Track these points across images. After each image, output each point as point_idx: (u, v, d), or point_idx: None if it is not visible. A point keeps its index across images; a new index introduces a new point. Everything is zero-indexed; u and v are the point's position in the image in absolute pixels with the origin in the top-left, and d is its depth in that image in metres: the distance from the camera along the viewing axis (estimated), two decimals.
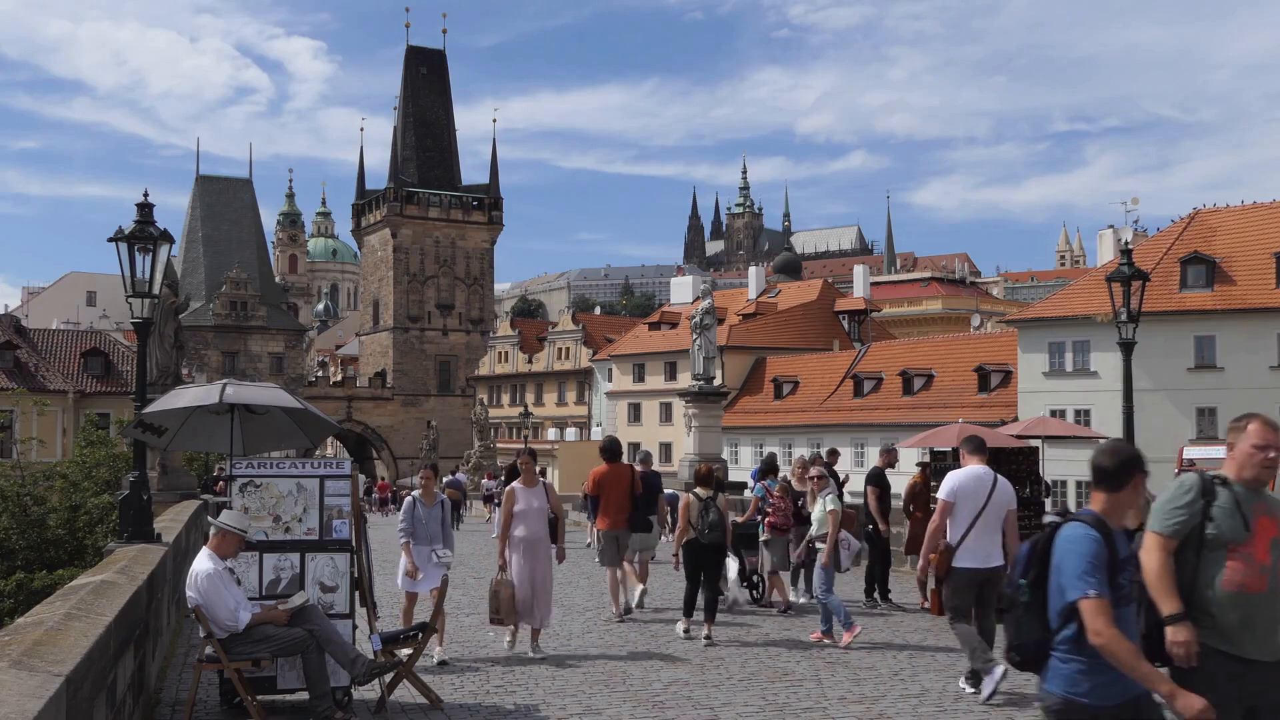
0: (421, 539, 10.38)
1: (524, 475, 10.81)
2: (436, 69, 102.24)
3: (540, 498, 10.69)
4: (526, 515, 10.53)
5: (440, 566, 10.21)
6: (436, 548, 10.36)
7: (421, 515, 10.48)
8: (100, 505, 22.79)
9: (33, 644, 4.65)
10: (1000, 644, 6.12)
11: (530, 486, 10.72)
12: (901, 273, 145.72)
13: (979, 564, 8.63)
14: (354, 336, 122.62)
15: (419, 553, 10.34)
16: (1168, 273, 43.10)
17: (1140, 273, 14.84)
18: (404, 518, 10.54)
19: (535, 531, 10.53)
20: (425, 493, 10.67)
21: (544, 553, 10.54)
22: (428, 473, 10.94)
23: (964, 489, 8.71)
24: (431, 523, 10.48)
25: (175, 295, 19.58)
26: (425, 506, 10.53)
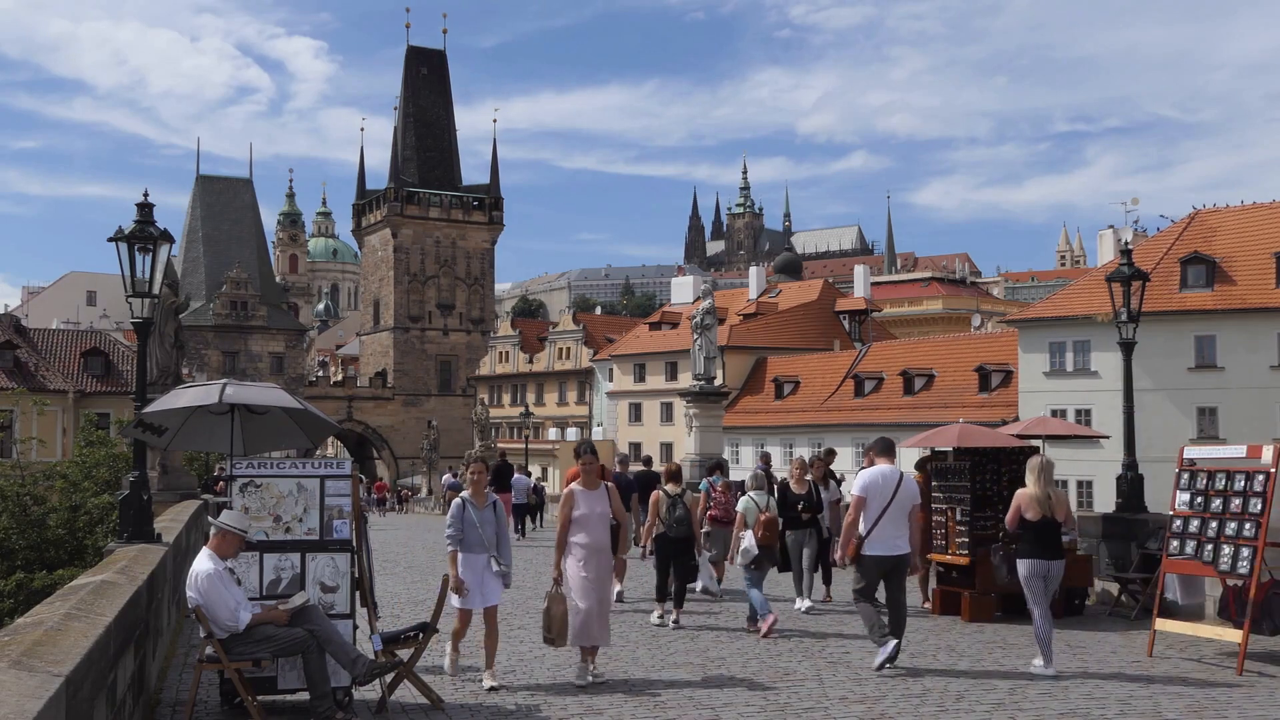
0: (474, 546, 9.05)
1: (584, 476, 9.54)
2: (437, 69, 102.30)
3: (603, 502, 9.47)
4: (587, 522, 9.31)
5: (498, 578, 9.09)
6: (493, 555, 9.06)
7: (474, 519, 9.11)
8: (100, 505, 22.80)
9: (32, 644, 4.64)
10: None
11: (591, 489, 9.47)
12: (902, 273, 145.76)
13: (886, 551, 9.78)
14: (354, 336, 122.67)
15: (472, 563, 9.04)
16: (1168, 273, 43.11)
17: (1140, 273, 14.82)
18: (452, 522, 9.11)
19: (597, 540, 9.33)
20: (476, 492, 9.34)
21: (606, 564, 9.44)
22: (478, 467, 9.57)
23: (873, 486, 9.77)
24: (486, 527, 9.10)
25: (175, 295, 19.57)
26: (477, 508, 9.17)
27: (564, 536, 9.36)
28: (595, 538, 9.33)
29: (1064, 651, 10.65)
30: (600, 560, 9.35)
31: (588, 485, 9.49)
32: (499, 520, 9.21)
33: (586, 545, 9.28)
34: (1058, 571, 9.77)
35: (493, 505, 9.24)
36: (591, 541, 9.30)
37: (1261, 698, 8.66)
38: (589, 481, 9.51)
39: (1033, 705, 8.38)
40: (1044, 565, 9.63)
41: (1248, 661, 9.65)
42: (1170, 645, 10.75)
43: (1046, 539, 9.68)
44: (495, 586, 9.08)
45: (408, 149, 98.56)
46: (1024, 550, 9.73)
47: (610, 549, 9.52)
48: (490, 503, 9.26)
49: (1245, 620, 9.58)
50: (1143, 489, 14.50)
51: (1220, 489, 10.18)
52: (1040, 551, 9.65)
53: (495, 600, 9.06)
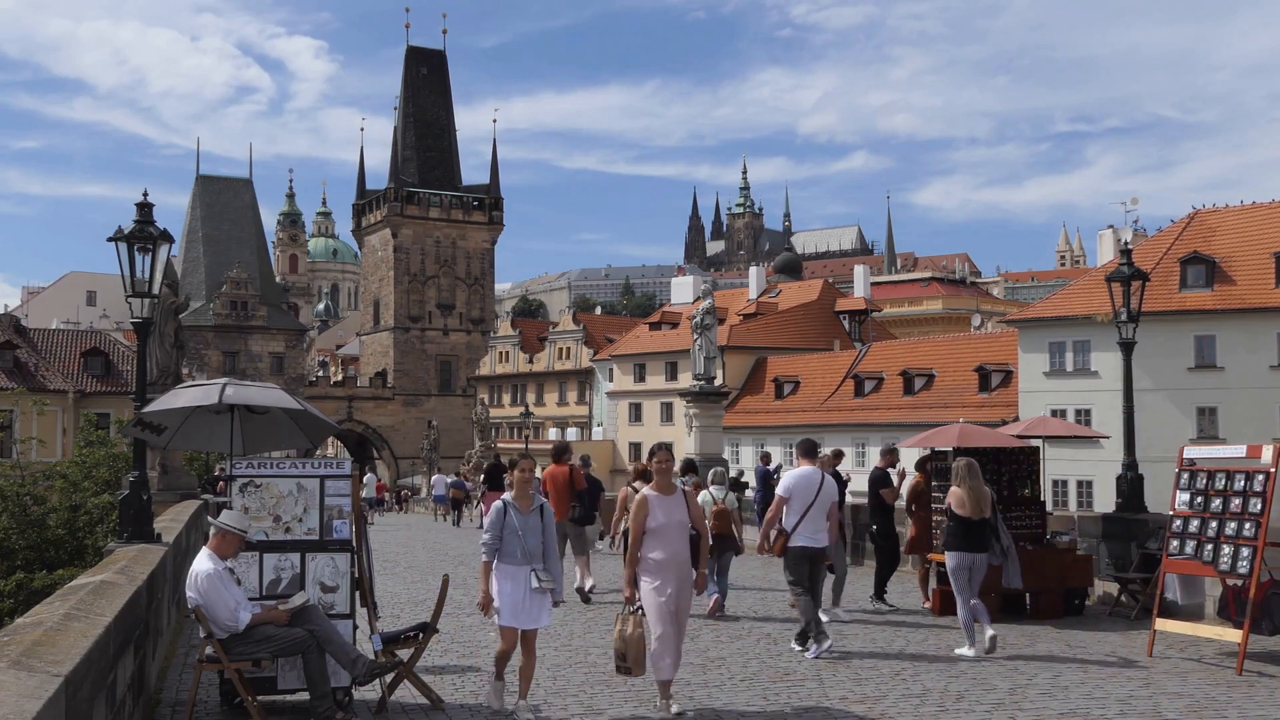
0: (515, 557, 7.83)
1: (658, 479, 8.38)
2: (437, 69, 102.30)
3: (680, 509, 8.23)
4: (665, 532, 8.10)
5: (542, 594, 7.85)
6: (536, 568, 7.83)
7: (515, 525, 7.87)
8: (100, 505, 22.80)
9: (32, 644, 4.64)
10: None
11: (667, 494, 8.27)
12: (902, 273, 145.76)
13: (809, 544, 10.48)
14: (354, 336, 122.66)
15: (513, 575, 7.81)
16: (1168, 273, 43.11)
17: (1140, 273, 14.82)
18: (490, 529, 7.94)
19: (676, 553, 8.10)
20: (520, 494, 8.03)
21: (686, 581, 8.19)
22: (527, 464, 8.25)
23: (797, 486, 10.59)
24: (529, 536, 7.87)
25: (175, 295, 19.58)
26: (520, 513, 7.92)
27: (637, 550, 8.16)
28: (673, 551, 8.10)
29: (1064, 651, 10.66)
30: (679, 577, 8.12)
31: (663, 490, 8.29)
32: (546, 528, 8.00)
33: (663, 561, 8.06)
34: (982, 564, 10.73)
35: (539, 510, 8.01)
36: (669, 556, 8.07)
37: (1261, 698, 8.66)
38: (664, 485, 8.32)
39: (1033, 705, 8.38)
40: (970, 558, 10.60)
41: (1247, 661, 9.65)
42: (1170, 645, 10.75)
43: (975, 534, 10.65)
44: (540, 605, 7.84)
45: (408, 149, 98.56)
46: (953, 544, 10.68)
47: (691, 563, 8.26)
48: (536, 507, 8.01)
49: (1245, 620, 9.58)
50: (1143, 489, 14.50)
51: (1220, 489, 10.19)
52: (968, 545, 10.63)
53: (543, 621, 7.88)
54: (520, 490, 8.05)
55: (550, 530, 8.05)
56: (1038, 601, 12.88)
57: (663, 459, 8.39)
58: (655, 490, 8.31)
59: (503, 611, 7.79)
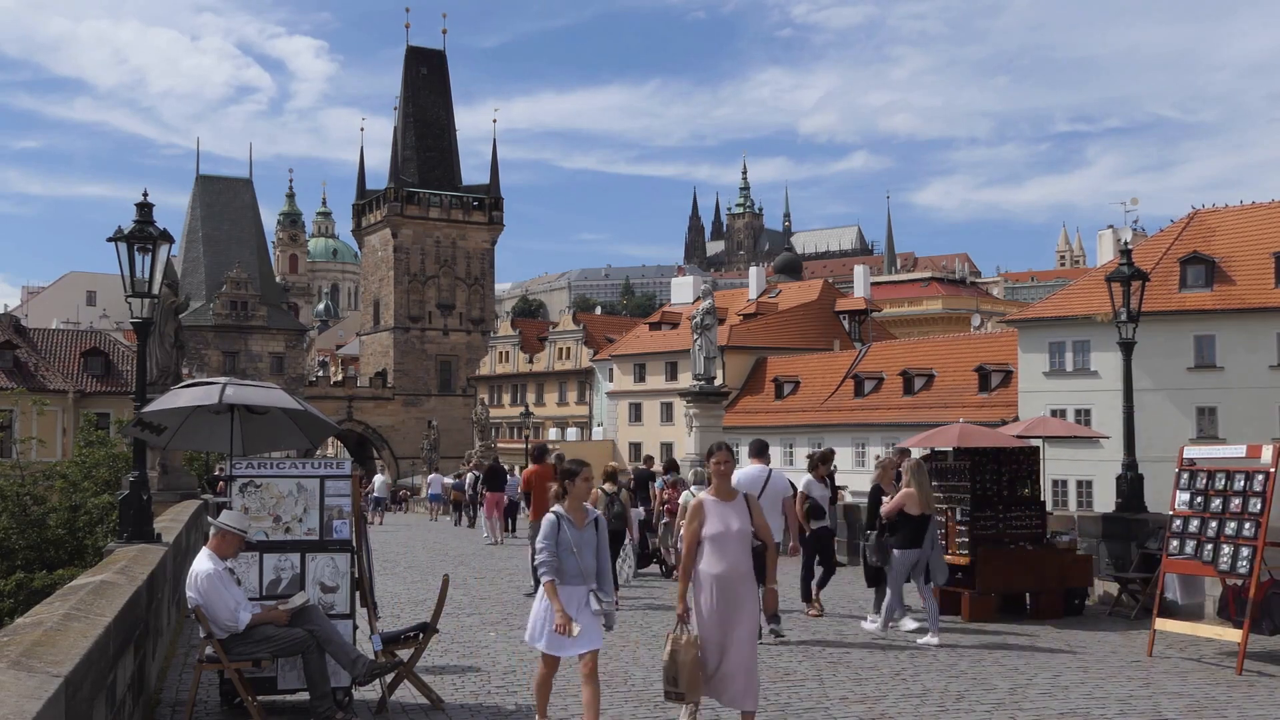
0: (570, 576, 7.03)
1: (717, 482, 7.46)
2: (437, 69, 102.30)
3: (741, 515, 7.31)
4: (723, 542, 7.19)
5: (598, 617, 7.09)
6: (594, 589, 7.10)
7: (570, 541, 7.04)
8: (100, 505, 22.78)
9: (32, 644, 4.64)
10: None
11: (725, 499, 7.36)
12: (902, 273, 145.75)
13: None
14: (354, 336, 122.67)
15: (567, 597, 7.02)
16: (1167, 273, 43.11)
17: (1140, 273, 14.82)
18: (544, 543, 7.07)
19: (735, 565, 7.19)
20: (574, 506, 7.18)
21: (748, 597, 7.21)
22: (589, 471, 7.33)
23: (745, 482, 11.12)
24: (584, 552, 7.07)
25: (175, 295, 19.56)
26: (575, 527, 7.09)
27: (692, 562, 7.28)
28: (733, 562, 7.17)
29: (1064, 651, 10.66)
30: (739, 593, 7.16)
31: (721, 494, 7.38)
32: (600, 543, 7.21)
33: (721, 574, 7.14)
34: (924, 558, 11.54)
35: (594, 523, 7.21)
36: (728, 569, 7.14)
37: (1261, 697, 8.66)
38: (722, 489, 7.40)
39: (1033, 705, 8.38)
40: (916, 554, 11.47)
41: (1247, 661, 9.65)
42: (1170, 645, 10.75)
43: (921, 531, 11.50)
44: (594, 628, 7.07)
45: (408, 149, 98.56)
46: (902, 541, 11.49)
47: (754, 576, 7.32)
48: (591, 520, 7.21)
49: (1245, 620, 9.59)
50: (1142, 489, 14.50)
51: (1220, 489, 10.19)
52: (917, 542, 11.47)
53: (595, 644, 7.07)
54: (575, 502, 7.19)
55: (604, 545, 7.26)
56: (1038, 601, 12.88)
57: (722, 459, 7.44)
58: (712, 495, 7.41)
59: (548, 636, 6.98)
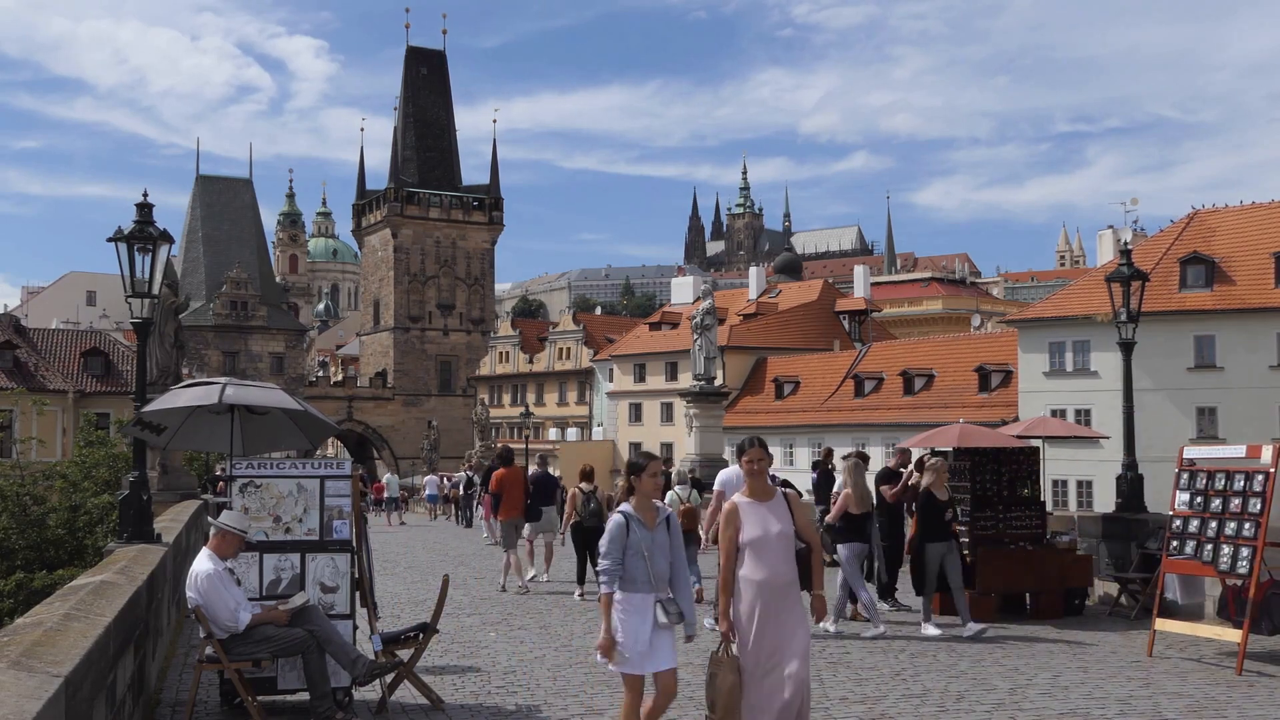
0: (639, 583, 6.21)
1: (751, 481, 6.65)
2: (437, 69, 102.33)
3: (783, 517, 6.52)
4: (763, 547, 6.40)
5: (667, 630, 6.25)
6: (663, 599, 6.25)
7: (640, 544, 6.25)
8: (100, 505, 22.78)
9: (32, 644, 4.64)
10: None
11: (762, 499, 6.55)
12: (902, 273, 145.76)
13: None
14: (354, 336, 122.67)
15: (635, 607, 6.18)
16: (1167, 273, 43.11)
17: (1140, 273, 14.81)
18: (610, 550, 6.26)
19: (778, 574, 6.39)
20: (642, 505, 6.40)
21: (795, 606, 6.43)
22: (657, 465, 6.54)
23: (729, 481, 12.38)
24: (656, 557, 6.27)
25: (175, 295, 19.57)
26: (645, 528, 6.30)
27: (731, 570, 6.45)
28: (772, 570, 6.39)
29: (1064, 651, 10.67)
30: (787, 601, 6.40)
31: (757, 494, 6.58)
32: (674, 545, 6.41)
33: (764, 583, 6.35)
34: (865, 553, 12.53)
35: (665, 523, 6.41)
36: (769, 576, 6.37)
37: (1261, 698, 8.67)
38: (759, 489, 6.60)
39: (1033, 705, 8.38)
40: (861, 548, 12.38)
41: (1247, 661, 9.66)
42: (1170, 645, 10.75)
43: (863, 527, 12.35)
44: (665, 644, 6.24)
45: (408, 149, 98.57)
46: (846, 537, 12.18)
47: (798, 584, 6.55)
48: (663, 519, 6.40)
49: (1245, 620, 9.59)
50: (1142, 489, 14.50)
51: (1220, 489, 10.19)
52: (859, 537, 12.32)
53: (668, 663, 6.24)
54: (644, 500, 6.41)
55: (679, 547, 6.48)
56: (1038, 601, 12.89)
57: (754, 457, 6.59)
58: (747, 495, 6.59)
59: (630, 655, 6.15)
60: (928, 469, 12.35)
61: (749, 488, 6.65)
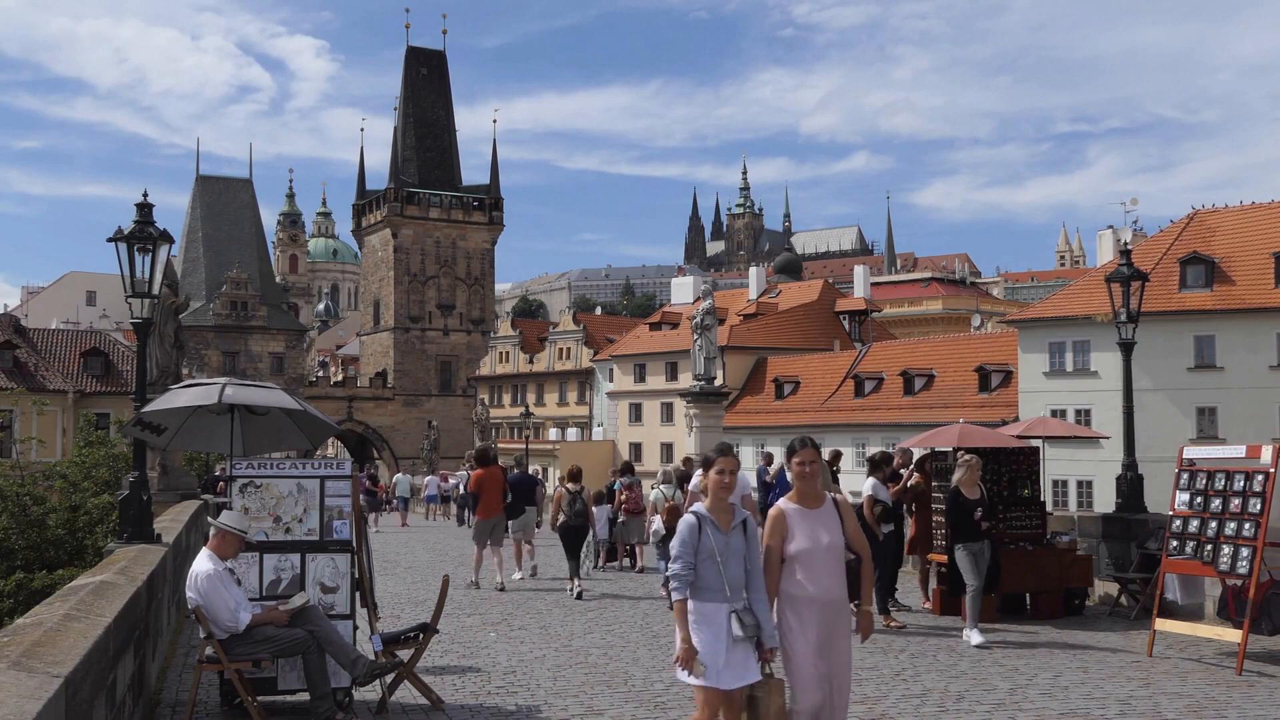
0: (711, 591, 5.69)
1: (800, 485, 6.10)
2: (437, 70, 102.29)
3: (832, 526, 6.01)
4: (811, 560, 5.90)
5: (747, 643, 5.66)
6: (738, 609, 5.67)
7: (713, 547, 5.72)
8: (100, 505, 22.78)
9: (32, 645, 4.64)
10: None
11: (811, 505, 6.04)
12: (902, 273, 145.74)
13: None
14: (355, 336, 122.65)
15: (708, 617, 5.66)
16: (1167, 273, 43.11)
17: (1140, 273, 14.82)
18: (681, 553, 5.73)
19: (827, 588, 5.92)
20: (717, 504, 5.86)
21: (845, 624, 6.02)
22: (730, 462, 5.95)
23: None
24: (730, 562, 5.72)
25: (175, 295, 19.55)
26: (719, 530, 5.77)
27: (777, 583, 5.92)
28: (823, 585, 5.90)
29: (1064, 651, 10.67)
30: (833, 621, 5.92)
31: (805, 501, 6.05)
32: (751, 550, 5.83)
33: (816, 599, 5.87)
34: None
35: (741, 526, 5.83)
36: (821, 593, 5.88)
37: (1261, 698, 8.67)
38: (807, 495, 6.06)
39: (1033, 705, 8.38)
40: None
41: (1247, 661, 9.66)
42: (1170, 645, 10.75)
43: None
44: (744, 658, 5.65)
45: (408, 149, 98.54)
46: None
47: (847, 597, 6.09)
48: (739, 522, 5.83)
49: (1245, 620, 9.59)
50: (1142, 489, 14.50)
51: (1220, 489, 10.19)
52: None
53: (748, 676, 5.65)
54: (719, 500, 5.84)
55: (755, 552, 5.86)
56: (1038, 601, 12.88)
57: (807, 458, 6.02)
58: (794, 502, 6.06)
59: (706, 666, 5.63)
60: (958, 466, 11.89)
61: (798, 493, 6.09)
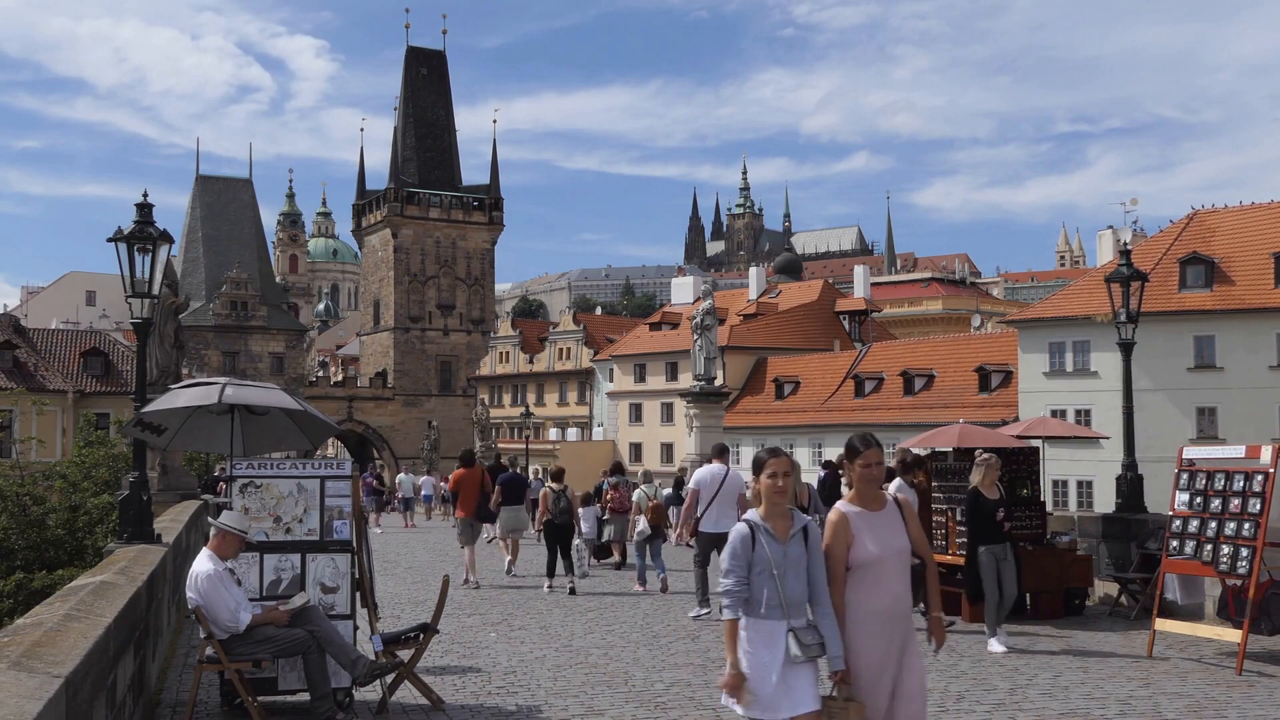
0: (769, 608, 5.09)
1: (861, 488, 5.50)
2: (437, 70, 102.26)
3: (897, 530, 5.47)
4: (880, 569, 5.36)
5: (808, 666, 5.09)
6: (796, 627, 5.09)
7: (768, 559, 5.13)
8: (100, 505, 22.78)
9: (32, 645, 4.64)
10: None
11: (873, 508, 5.46)
12: (902, 273, 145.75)
13: (714, 529, 12.62)
14: (355, 336, 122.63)
15: (765, 637, 5.07)
16: (1167, 273, 43.11)
17: (1139, 273, 14.82)
18: (732, 568, 5.14)
19: (900, 601, 5.42)
20: (773, 512, 5.24)
21: (914, 635, 5.53)
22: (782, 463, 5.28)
23: (704, 480, 13.07)
24: (789, 575, 5.13)
25: (175, 295, 19.55)
26: (775, 541, 5.17)
27: (841, 592, 5.32)
28: (894, 596, 5.39)
29: (1064, 651, 10.66)
30: (908, 633, 5.44)
31: (868, 503, 5.48)
32: (813, 558, 5.24)
33: (885, 611, 5.34)
34: None
35: (802, 534, 5.23)
36: (891, 604, 5.36)
37: (1261, 698, 8.67)
38: (870, 497, 5.49)
39: (1033, 705, 8.38)
40: None
41: (1247, 661, 9.66)
42: (1170, 645, 10.75)
43: None
44: (805, 679, 5.08)
45: (408, 149, 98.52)
46: None
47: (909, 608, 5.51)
48: (798, 530, 5.23)
49: (1245, 620, 9.59)
50: (1142, 489, 14.50)
51: (1219, 489, 10.19)
52: None
53: (808, 705, 5.05)
54: (775, 507, 5.24)
55: (819, 564, 5.25)
56: (1038, 601, 12.88)
57: (873, 459, 5.45)
58: (856, 504, 5.47)
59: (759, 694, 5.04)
60: (976, 466, 11.55)
61: (859, 495, 5.48)
